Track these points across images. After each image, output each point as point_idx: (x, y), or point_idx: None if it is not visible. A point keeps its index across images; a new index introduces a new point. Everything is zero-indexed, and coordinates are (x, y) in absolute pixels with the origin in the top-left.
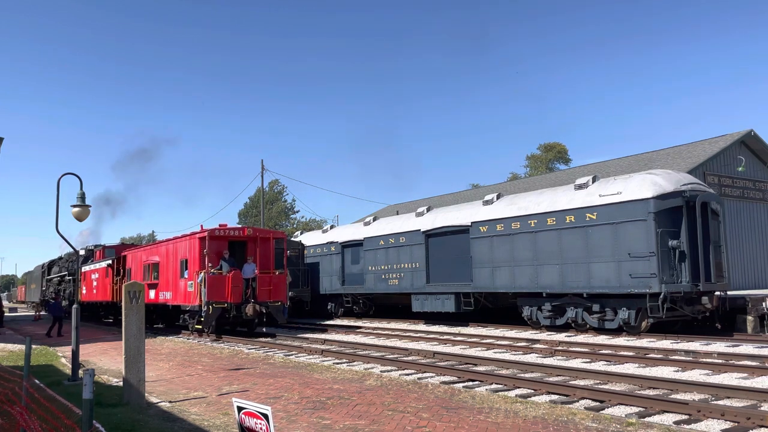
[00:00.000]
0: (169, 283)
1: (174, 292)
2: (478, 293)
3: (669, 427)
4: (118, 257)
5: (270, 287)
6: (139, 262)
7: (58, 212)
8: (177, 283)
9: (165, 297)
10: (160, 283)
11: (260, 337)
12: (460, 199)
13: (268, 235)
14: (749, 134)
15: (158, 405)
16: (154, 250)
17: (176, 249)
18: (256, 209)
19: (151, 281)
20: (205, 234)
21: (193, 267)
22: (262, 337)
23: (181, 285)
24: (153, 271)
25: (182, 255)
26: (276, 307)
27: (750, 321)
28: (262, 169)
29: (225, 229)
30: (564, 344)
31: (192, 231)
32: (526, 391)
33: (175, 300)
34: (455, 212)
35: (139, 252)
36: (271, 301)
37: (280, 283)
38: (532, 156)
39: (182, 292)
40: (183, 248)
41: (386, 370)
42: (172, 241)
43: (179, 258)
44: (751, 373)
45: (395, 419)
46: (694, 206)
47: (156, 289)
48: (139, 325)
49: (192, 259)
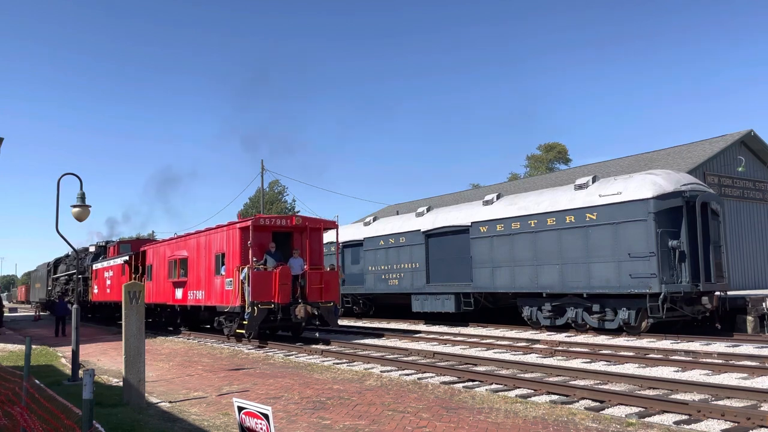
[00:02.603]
0: (200, 281)
1: (207, 292)
2: (478, 293)
3: (669, 427)
4: (136, 253)
5: (321, 285)
6: (162, 258)
7: (58, 212)
8: (211, 281)
9: (196, 297)
10: (189, 281)
11: (311, 344)
12: (460, 199)
13: (319, 224)
14: (749, 134)
15: (158, 405)
16: (181, 244)
17: (210, 242)
18: (256, 209)
19: (177, 279)
20: (248, 223)
21: (233, 262)
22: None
23: (217, 283)
24: (180, 268)
25: (218, 248)
26: (328, 308)
27: (750, 321)
28: (262, 169)
29: (270, 218)
30: (564, 344)
31: (229, 222)
32: (526, 392)
33: (209, 300)
34: (455, 212)
35: (162, 247)
36: (322, 302)
37: (332, 280)
38: (532, 156)
39: (218, 291)
40: (219, 240)
41: (386, 370)
42: (205, 233)
43: (213, 252)
44: (751, 373)
45: (395, 419)
46: (694, 206)
47: (183, 288)
48: (139, 325)
49: (231, 252)
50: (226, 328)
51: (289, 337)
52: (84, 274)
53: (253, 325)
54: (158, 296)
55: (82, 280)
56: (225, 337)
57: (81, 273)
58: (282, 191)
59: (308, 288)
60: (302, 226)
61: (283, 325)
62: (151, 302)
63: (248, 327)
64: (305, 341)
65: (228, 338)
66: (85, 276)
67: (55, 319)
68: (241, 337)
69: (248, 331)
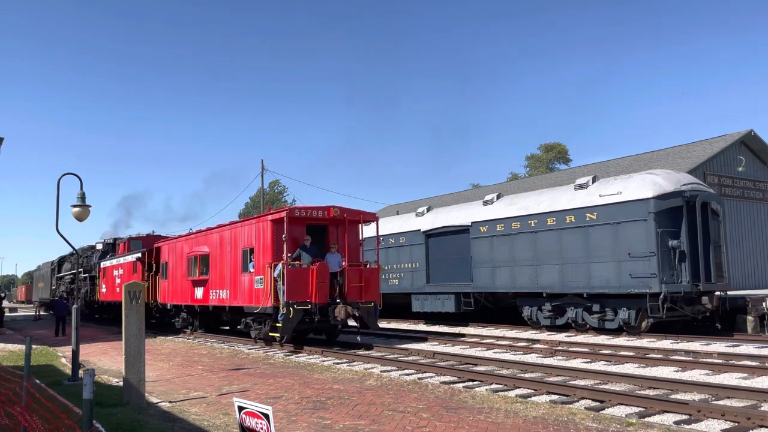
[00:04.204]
0: (224, 280)
1: (232, 290)
2: (478, 293)
3: (669, 427)
4: (149, 249)
5: (361, 283)
6: (179, 255)
7: (58, 212)
8: (237, 279)
9: (219, 297)
10: (212, 280)
11: (350, 348)
12: (460, 199)
13: (358, 216)
14: (749, 134)
15: (158, 405)
16: (201, 239)
17: (235, 236)
18: (256, 210)
19: (197, 277)
20: (282, 214)
21: (264, 258)
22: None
23: (244, 281)
24: (201, 265)
25: (246, 243)
26: (368, 308)
27: (750, 321)
28: (262, 169)
29: (305, 209)
30: (564, 344)
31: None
32: (527, 391)
33: (235, 300)
34: (455, 212)
35: (180, 242)
36: (362, 302)
37: (372, 278)
38: (532, 156)
39: (245, 290)
40: (247, 234)
41: (386, 370)
42: (230, 227)
43: (240, 247)
44: (751, 373)
45: (395, 419)
46: (694, 206)
47: (204, 287)
48: (139, 325)
49: (261, 247)
50: (255, 331)
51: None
52: (91, 272)
53: (288, 327)
54: (175, 296)
55: (89, 279)
56: (252, 340)
57: (87, 271)
58: (282, 191)
59: (347, 287)
60: (340, 218)
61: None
62: (167, 302)
63: (282, 330)
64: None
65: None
66: (92, 275)
67: (55, 318)
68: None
69: (282, 335)
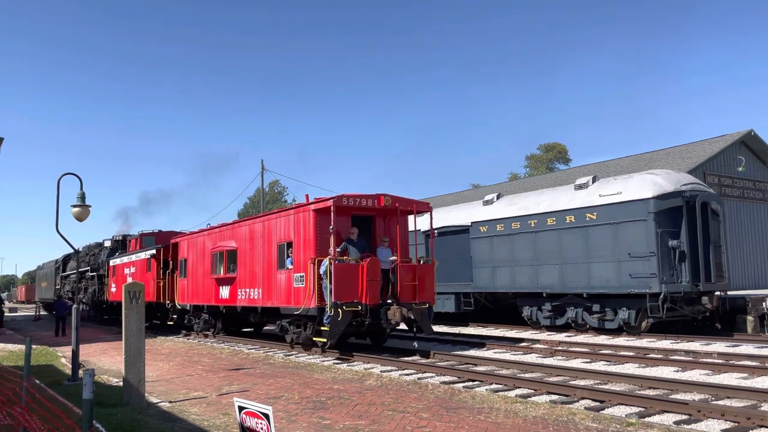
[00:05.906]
0: (255, 278)
1: (266, 290)
2: (478, 293)
3: (669, 427)
4: (165, 246)
5: (415, 282)
6: (201, 251)
7: (58, 212)
8: (272, 277)
9: (250, 296)
10: (240, 278)
11: (404, 355)
12: (460, 199)
13: (410, 206)
14: (749, 134)
15: (158, 405)
16: (226, 234)
17: (269, 229)
18: (256, 210)
19: (222, 275)
20: (329, 203)
21: (305, 253)
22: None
23: (280, 279)
24: (227, 262)
25: (282, 236)
26: (422, 311)
27: (750, 321)
28: (262, 169)
29: (353, 197)
30: (564, 344)
31: (297, 203)
32: (526, 391)
33: (269, 300)
34: (455, 212)
35: (202, 237)
36: (416, 303)
37: (427, 276)
38: (532, 156)
39: (282, 288)
40: (284, 227)
41: (386, 370)
42: (262, 219)
43: (275, 241)
44: (751, 373)
45: (395, 419)
46: (694, 206)
47: (231, 285)
48: (139, 325)
49: (302, 241)
50: (293, 335)
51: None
52: (99, 271)
53: (335, 331)
54: (196, 296)
55: (97, 277)
56: (288, 345)
57: (95, 270)
58: (282, 191)
59: (400, 285)
60: (391, 208)
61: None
62: (186, 303)
63: (330, 334)
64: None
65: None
66: (100, 273)
67: (55, 318)
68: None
69: (329, 339)
